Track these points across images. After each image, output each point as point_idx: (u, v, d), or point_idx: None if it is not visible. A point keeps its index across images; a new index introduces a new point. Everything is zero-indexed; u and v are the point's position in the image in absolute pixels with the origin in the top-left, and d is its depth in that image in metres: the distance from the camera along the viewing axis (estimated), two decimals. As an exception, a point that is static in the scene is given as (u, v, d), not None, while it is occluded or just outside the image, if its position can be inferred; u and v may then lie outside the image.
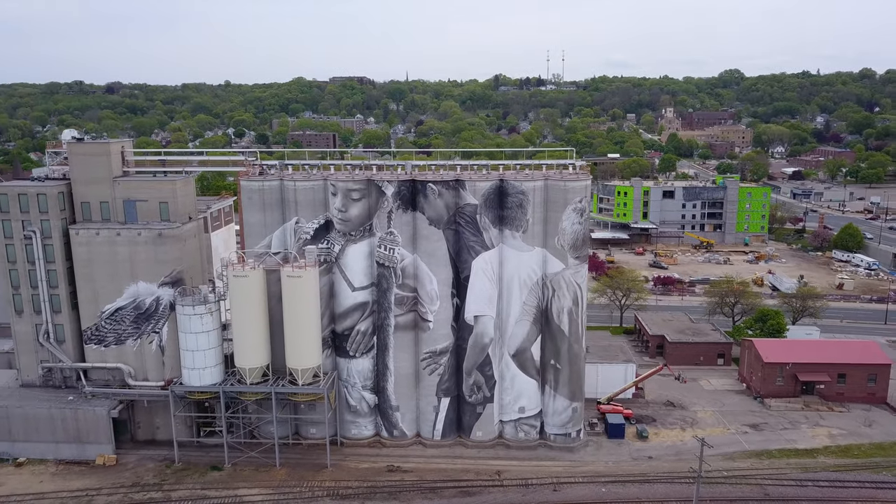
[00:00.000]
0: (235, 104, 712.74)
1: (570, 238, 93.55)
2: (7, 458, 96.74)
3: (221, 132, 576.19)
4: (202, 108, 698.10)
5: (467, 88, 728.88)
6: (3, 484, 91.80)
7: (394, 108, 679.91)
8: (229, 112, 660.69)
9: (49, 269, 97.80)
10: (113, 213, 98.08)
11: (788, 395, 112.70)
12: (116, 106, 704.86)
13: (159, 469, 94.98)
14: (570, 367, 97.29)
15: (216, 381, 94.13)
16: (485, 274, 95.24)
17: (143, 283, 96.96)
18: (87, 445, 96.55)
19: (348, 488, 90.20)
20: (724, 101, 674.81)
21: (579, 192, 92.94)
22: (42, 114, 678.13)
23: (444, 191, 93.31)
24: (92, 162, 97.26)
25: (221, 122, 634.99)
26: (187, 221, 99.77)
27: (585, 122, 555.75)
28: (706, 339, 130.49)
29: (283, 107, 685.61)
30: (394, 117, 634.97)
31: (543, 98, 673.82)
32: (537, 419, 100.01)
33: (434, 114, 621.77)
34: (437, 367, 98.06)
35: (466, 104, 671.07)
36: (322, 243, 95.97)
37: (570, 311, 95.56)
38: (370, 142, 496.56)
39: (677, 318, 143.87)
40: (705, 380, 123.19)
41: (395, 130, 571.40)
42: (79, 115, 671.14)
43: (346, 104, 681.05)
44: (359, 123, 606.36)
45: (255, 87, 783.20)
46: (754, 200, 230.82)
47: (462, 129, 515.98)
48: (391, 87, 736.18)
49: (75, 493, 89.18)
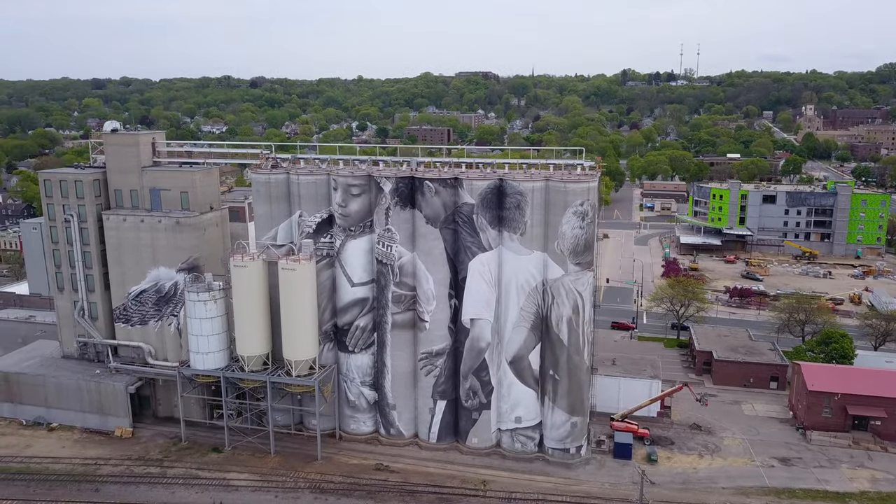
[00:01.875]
0: (364, 98, 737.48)
1: (570, 243, 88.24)
2: (42, 422, 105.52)
3: (346, 125, 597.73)
4: (333, 101, 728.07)
5: (592, 84, 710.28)
6: (32, 446, 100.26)
7: (515, 104, 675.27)
8: (357, 106, 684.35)
9: (84, 250, 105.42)
10: (141, 200, 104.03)
11: (836, 429, 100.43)
12: (257, 99, 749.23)
13: (166, 446, 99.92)
14: (569, 379, 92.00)
15: (219, 365, 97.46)
16: (481, 276, 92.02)
17: (163, 269, 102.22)
18: (108, 417, 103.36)
19: (331, 483, 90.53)
20: (879, 98, 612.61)
21: (580, 195, 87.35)
22: (192, 106, 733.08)
23: (441, 189, 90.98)
24: (123, 152, 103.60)
25: (348, 116, 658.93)
26: (207, 211, 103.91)
27: (713, 120, 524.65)
28: (758, 360, 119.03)
29: (408, 101, 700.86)
30: (513, 112, 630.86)
31: (672, 94, 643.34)
32: (536, 431, 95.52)
33: (555, 109, 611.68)
34: (433, 369, 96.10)
35: (590, 99, 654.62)
36: (325, 237, 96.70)
37: (569, 320, 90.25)
38: (484, 137, 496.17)
39: (736, 333, 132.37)
40: (749, 404, 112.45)
41: (512, 126, 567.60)
42: (224, 107, 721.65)
43: (469, 99, 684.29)
44: (477, 118, 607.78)
45: (385, 83, 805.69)
46: (870, 209, 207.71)
47: (579, 125, 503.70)
48: (515, 82, 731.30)
49: (86, 461, 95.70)
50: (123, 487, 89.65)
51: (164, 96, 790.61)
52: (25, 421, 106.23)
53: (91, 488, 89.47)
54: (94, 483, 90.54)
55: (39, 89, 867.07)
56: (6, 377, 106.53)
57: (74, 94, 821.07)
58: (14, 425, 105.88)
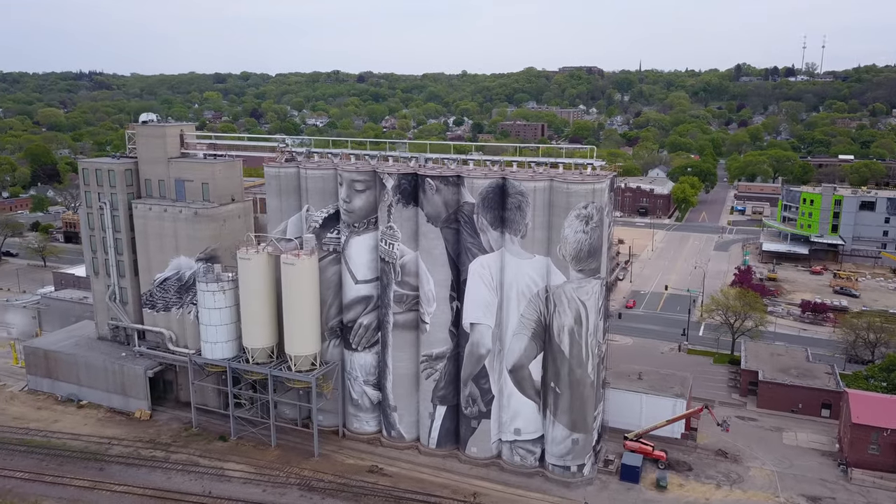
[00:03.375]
0: (466, 93, 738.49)
1: (573, 248, 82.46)
2: (74, 399, 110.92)
3: (443, 120, 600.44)
4: (435, 97, 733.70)
5: (702, 79, 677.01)
6: (59, 421, 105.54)
7: (618, 99, 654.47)
8: (458, 101, 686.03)
9: (116, 237, 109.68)
10: (167, 190, 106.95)
11: (883, 469, 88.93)
12: (363, 93, 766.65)
13: (178, 431, 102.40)
14: (570, 393, 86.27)
15: (227, 356, 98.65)
16: (481, 279, 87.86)
17: (184, 257, 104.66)
18: (129, 399, 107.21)
19: (321, 482, 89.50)
20: None
21: (583, 197, 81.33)
22: (301, 100, 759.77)
23: (441, 186, 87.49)
24: (152, 143, 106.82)
25: (448, 111, 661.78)
26: (228, 203, 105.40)
27: (832, 118, 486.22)
28: (809, 384, 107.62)
29: (508, 97, 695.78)
30: (615, 108, 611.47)
31: (790, 90, 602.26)
32: (536, 445, 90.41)
33: (658, 105, 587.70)
34: (433, 373, 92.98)
35: (698, 96, 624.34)
36: (331, 232, 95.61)
37: (571, 331, 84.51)
38: (579, 133, 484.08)
39: (793, 353, 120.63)
40: (792, 432, 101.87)
41: (611, 122, 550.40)
42: (331, 101, 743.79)
43: (571, 94, 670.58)
44: (576, 114, 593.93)
45: (488, 77, 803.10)
46: None
47: (682, 122, 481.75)
48: (620, 77, 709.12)
49: (101, 440, 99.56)
50: (126, 469, 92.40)
51: (276, 90, 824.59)
52: (60, 396, 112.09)
53: (97, 467, 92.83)
54: (102, 462, 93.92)
55: (168, 83, 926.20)
56: (46, 354, 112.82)
57: (198, 87, 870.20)
58: (50, 400, 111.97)
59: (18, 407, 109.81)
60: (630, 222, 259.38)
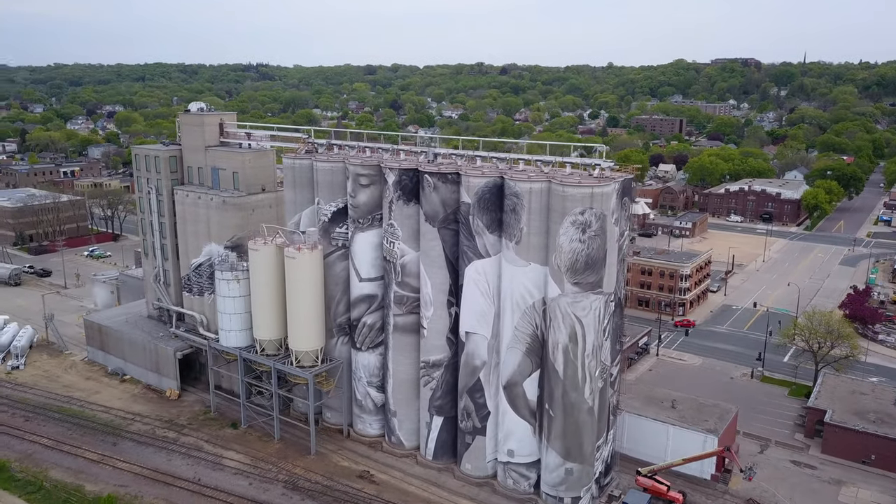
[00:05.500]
0: (608, 86, 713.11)
1: (568, 258, 73.93)
2: (119, 373, 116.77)
3: (578, 113, 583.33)
4: (576, 89, 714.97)
5: (877, 72, 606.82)
6: (99, 393, 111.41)
7: (773, 93, 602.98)
8: (599, 94, 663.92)
9: (161, 221, 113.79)
10: (205, 178, 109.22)
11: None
12: (503, 86, 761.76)
13: (197, 413, 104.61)
14: (563, 418, 77.88)
15: (240, 345, 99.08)
16: (477, 286, 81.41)
17: (214, 244, 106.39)
18: (162, 377, 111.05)
19: (308, 481, 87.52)
20: None
21: (579, 202, 72.51)
22: (442, 92, 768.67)
23: (439, 184, 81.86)
24: (192, 132, 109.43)
25: (586, 104, 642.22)
26: (258, 192, 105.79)
27: None
28: (887, 433, 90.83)
29: (652, 90, 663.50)
30: (768, 104, 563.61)
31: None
32: (531, 470, 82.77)
33: (820, 101, 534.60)
34: (430, 381, 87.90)
35: (870, 90, 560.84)
36: (340, 227, 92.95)
37: (565, 349, 76.08)
38: (721, 129, 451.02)
39: (881, 392, 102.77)
40: (854, 487, 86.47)
41: (760, 118, 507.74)
42: (471, 93, 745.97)
43: (720, 88, 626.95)
44: (724, 109, 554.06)
45: (634, 70, 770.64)
46: None
47: (842, 119, 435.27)
48: (779, 69, 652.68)
49: (126, 415, 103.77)
50: (135, 447, 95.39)
51: (421, 82, 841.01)
52: (109, 369, 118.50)
53: (111, 441, 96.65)
54: (118, 437, 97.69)
55: (323, 74, 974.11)
56: (100, 329, 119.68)
57: (349, 79, 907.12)
58: (100, 372, 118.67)
59: (72, 376, 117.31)
60: (749, 228, 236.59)
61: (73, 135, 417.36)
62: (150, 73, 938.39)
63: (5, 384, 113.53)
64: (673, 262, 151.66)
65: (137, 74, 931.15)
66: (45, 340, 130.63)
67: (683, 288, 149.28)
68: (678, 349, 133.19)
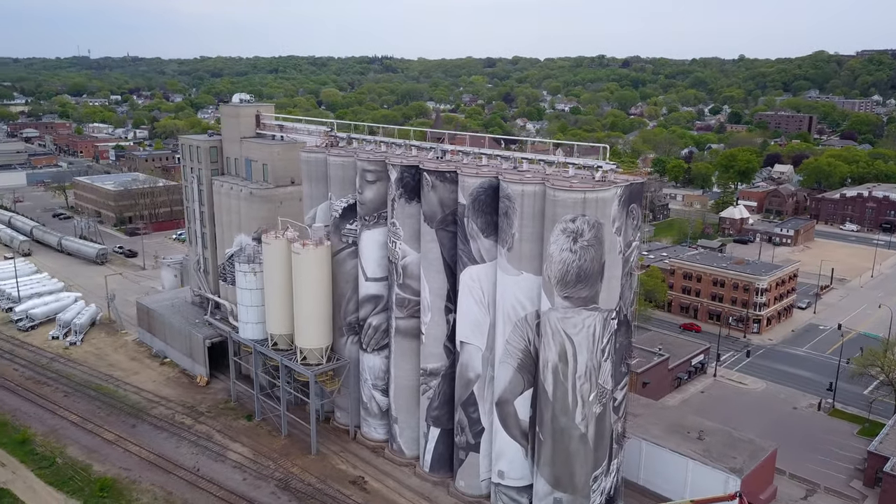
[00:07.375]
0: (737, 80, 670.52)
1: (558, 269, 66.99)
2: (161, 355, 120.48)
3: (699, 108, 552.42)
4: (701, 82, 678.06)
5: None
6: (138, 374, 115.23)
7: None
8: (724, 88, 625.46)
9: (201, 210, 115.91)
10: (240, 169, 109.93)
11: None
12: (622, 79, 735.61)
13: (218, 402, 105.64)
14: (552, 444, 71.13)
15: (256, 337, 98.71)
16: (471, 293, 75.99)
17: (243, 235, 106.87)
18: (195, 364, 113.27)
19: (301, 482, 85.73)
20: None
21: (570, 208, 65.27)
22: (559, 84, 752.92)
23: (438, 183, 76.96)
24: (229, 123, 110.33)
25: (710, 98, 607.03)
26: (286, 185, 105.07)
27: None
28: (957, 491, 76.86)
29: (786, 84, 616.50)
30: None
31: None
32: (523, 495, 76.54)
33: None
34: (427, 389, 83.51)
35: None
36: (351, 224, 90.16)
37: (555, 369, 69.27)
38: (856, 127, 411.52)
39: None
40: (907, 553, 73.68)
41: None
42: (589, 86, 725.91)
43: (864, 83, 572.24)
44: (867, 105, 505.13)
45: (767, 63, 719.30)
46: None
47: None
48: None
49: (154, 399, 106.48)
50: (151, 431, 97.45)
51: (539, 74, 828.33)
52: (154, 351, 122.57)
53: (131, 423, 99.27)
54: (138, 420, 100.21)
55: (443, 67, 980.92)
56: (147, 311, 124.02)
57: (468, 71, 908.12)
58: (146, 353, 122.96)
59: (118, 355, 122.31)
60: (865, 239, 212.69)
61: (197, 123, 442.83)
62: (283, 66, 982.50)
63: (59, 359, 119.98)
64: (749, 273, 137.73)
65: (271, 67, 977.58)
66: (108, 319, 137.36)
67: (759, 303, 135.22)
68: (741, 370, 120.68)
